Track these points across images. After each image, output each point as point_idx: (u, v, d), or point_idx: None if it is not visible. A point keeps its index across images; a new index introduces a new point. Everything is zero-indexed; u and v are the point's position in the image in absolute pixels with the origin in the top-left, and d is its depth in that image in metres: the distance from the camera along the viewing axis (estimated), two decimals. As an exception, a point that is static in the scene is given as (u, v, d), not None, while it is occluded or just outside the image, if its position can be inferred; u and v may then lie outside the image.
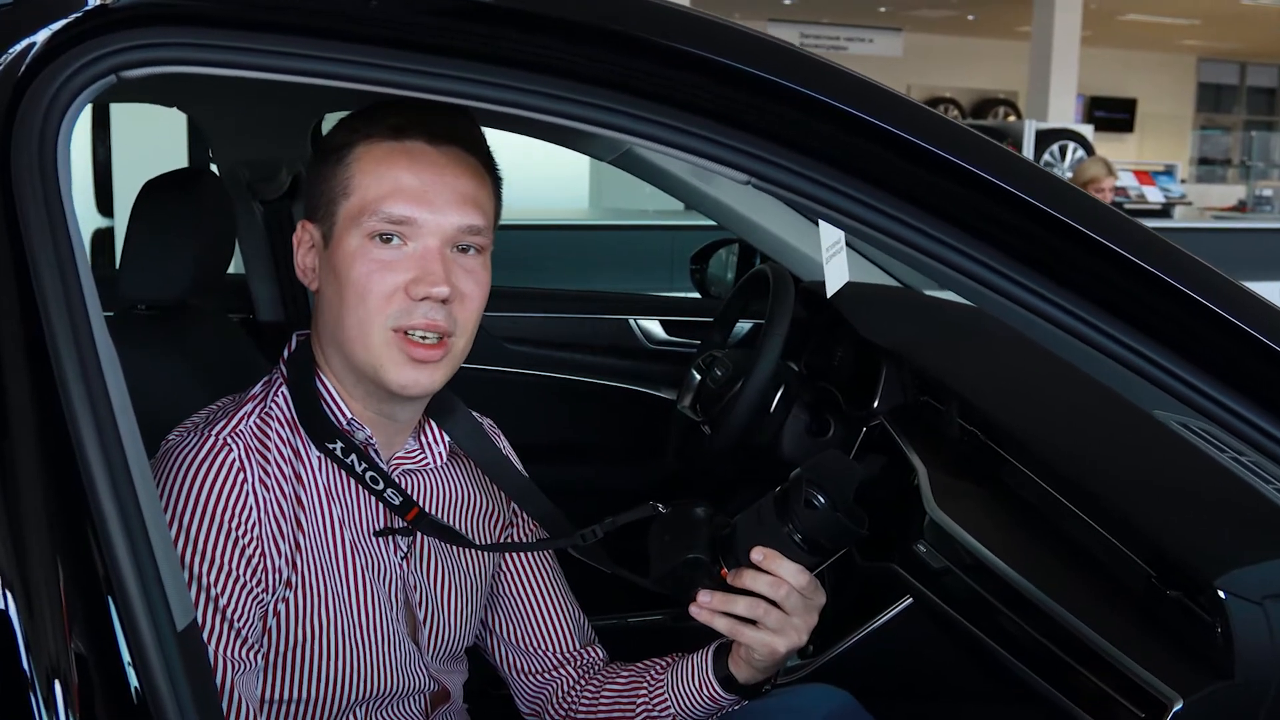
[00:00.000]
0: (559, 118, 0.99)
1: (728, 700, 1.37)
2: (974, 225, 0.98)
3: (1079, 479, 1.35)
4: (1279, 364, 0.99)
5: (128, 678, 0.85)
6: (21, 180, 0.89)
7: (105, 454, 0.86)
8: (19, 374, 0.87)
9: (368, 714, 1.27)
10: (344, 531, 1.23)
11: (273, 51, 0.96)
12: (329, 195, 1.23)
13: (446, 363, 1.22)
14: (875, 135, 0.98)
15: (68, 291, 0.88)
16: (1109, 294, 0.99)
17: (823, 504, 1.27)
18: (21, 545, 0.84)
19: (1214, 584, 1.08)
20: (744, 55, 0.97)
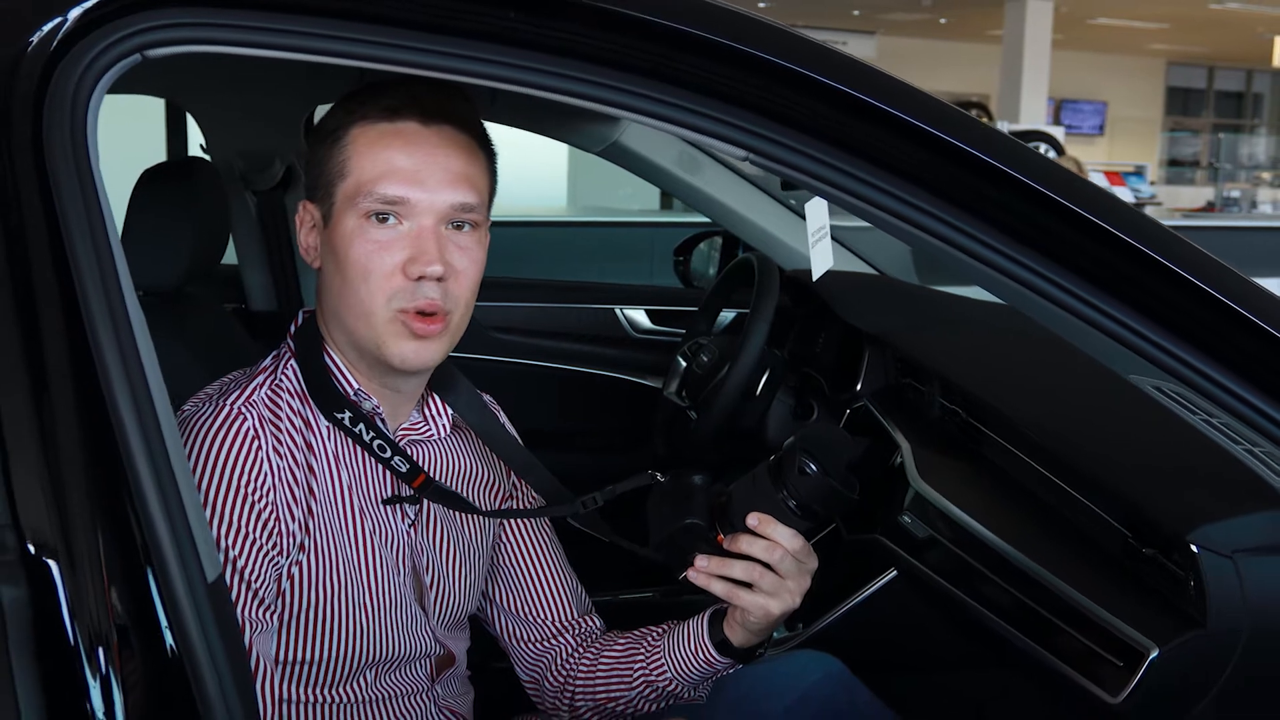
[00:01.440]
0: (566, 95, 1.04)
1: (723, 664, 1.41)
2: (959, 197, 1.04)
3: (1057, 448, 1.41)
4: (1250, 329, 1.05)
5: (164, 636, 0.89)
6: (54, 152, 0.93)
7: (139, 417, 0.90)
8: (57, 340, 0.91)
9: (377, 676, 1.31)
10: (353, 499, 1.27)
11: (292, 31, 1.01)
12: (327, 176, 1.27)
13: (445, 336, 1.26)
14: (868, 113, 1.04)
15: (100, 261, 0.93)
16: (1087, 263, 1.05)
17: (815, 471, 1.33)
18: (64, 512, 0.88)
19: (1187, 539, 1.14)
20: (745, 37, 1.02)
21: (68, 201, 0.93)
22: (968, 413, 1.66)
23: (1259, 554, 1.14)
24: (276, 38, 1.01)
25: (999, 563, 1.37)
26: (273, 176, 2.32)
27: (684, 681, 1.43)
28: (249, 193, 2.34)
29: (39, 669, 0.83)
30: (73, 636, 0.85)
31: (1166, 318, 1.05)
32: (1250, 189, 14.35)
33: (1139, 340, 1.06)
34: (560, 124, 2.36)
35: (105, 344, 0.91)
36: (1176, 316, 1.05)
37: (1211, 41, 20.08)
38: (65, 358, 0.90)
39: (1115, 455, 1.36)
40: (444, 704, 1.40)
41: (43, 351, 0.90)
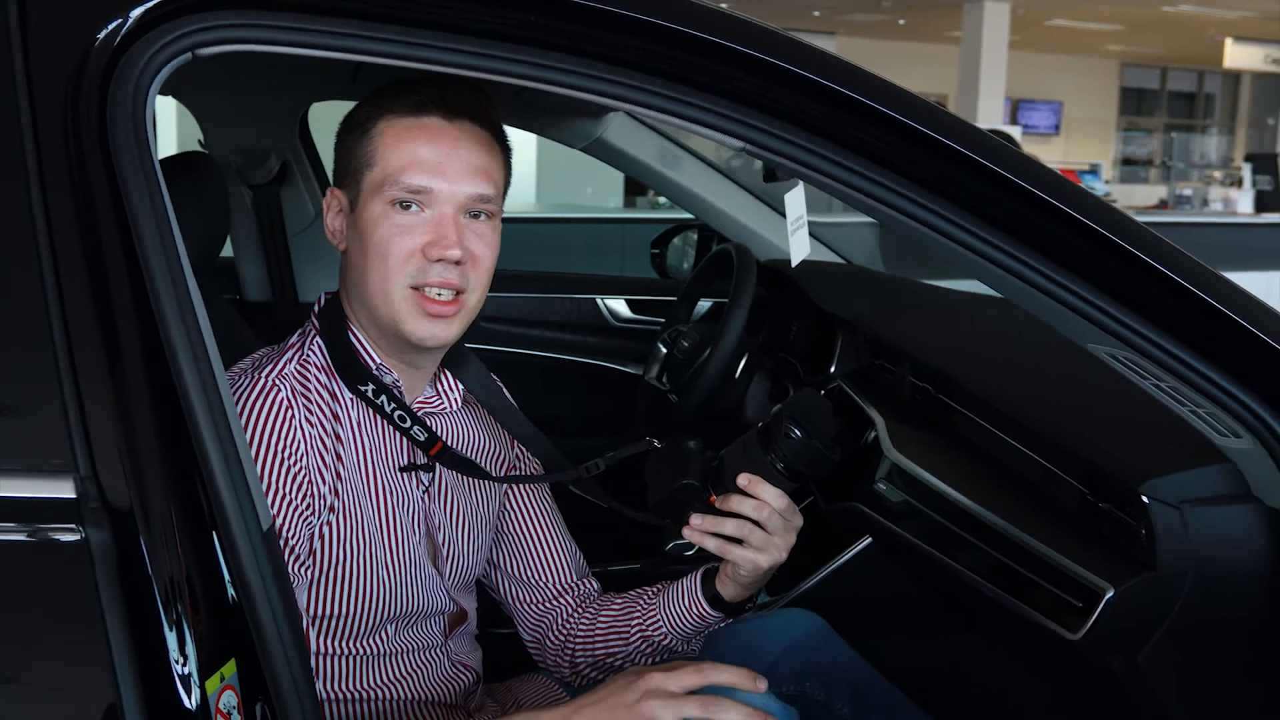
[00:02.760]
0: (584, 92, 1.15)
1: (714, 618, 1.52)
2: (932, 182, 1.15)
3: (1020, 416, 1.53)
4: (1191, 301, 1.17)
5: (226, 588, 0.99)
6: (118, 140, 1.02)
7: (202, 381, 0.99)
8: (127, 312, 1.00)
9: (397, 630, 1.41)
10: (375, 466, 1.37)
11: (330, 32, 1.10)
12: (355, 165, 1.37)
13: (460, 317, 1.36)
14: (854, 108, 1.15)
15: (164, 240, 1.02)
16: (1047, 241, 1.16)
17: (799, 435, 1.44)
18: (138, 467, 0.97)
19: (1138, 491, 1.26)
20: (749, 40, 1.13)
21: (132, 185, 1.02)
22: (936, 389, 1.78)
23: (1202, 504, 1.26)
24: (315, 38, 1.10)
25: (968, 521, 1.49)
26: (268, 171, 2.41)
27: (678, 636, 1.54)
28: (245, 187, 2.42)
29: (124, 607, 0.93)
30: (151, 577, 0.95)
31: (1119, 290, 1.17)
32: (1202, 187, 14.62)
33: (1094, 311, 1.18)
34: (549, 121, 2.45)
35: (170, 317, 1.00)
36: (1128, 290, 1.17)
37: (1164, 43, 20.40)
38: (135, 326, 1.00)
39: (1073, 419, 1.48)
40: (456, 658, 1.50)
41: (115, 321, 0.99)
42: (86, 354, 0.98)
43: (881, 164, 1.17)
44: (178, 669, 0.95)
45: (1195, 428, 1.25)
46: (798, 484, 1.46)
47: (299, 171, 2.46)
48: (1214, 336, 1.18)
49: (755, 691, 1.22)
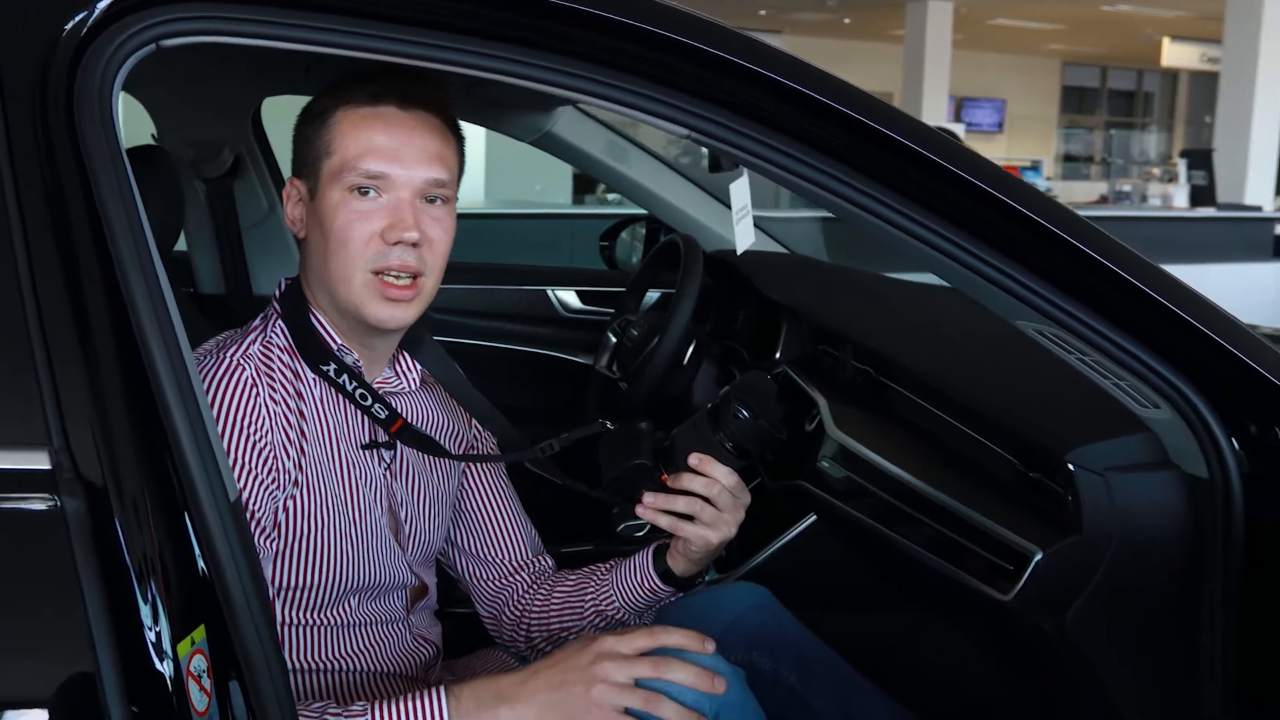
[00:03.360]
0: (528, 81, 1.20)
1: (665, 592, 1.58)
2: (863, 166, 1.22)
3: (955, 394, 1.60)
4: (1114, 280, 1.24)
5: (195, 557, 1.03)
6: (85, 127, 1.06)
7: (170, 357, 1.03)
8: (97, 292, 1.04)
9: (360, 603, 1.46)
10: (339, 444, 1.42)
11: (289, 24, 1.15)
12: (313, 154, 1.41)
13: (418, 300, 1.41)
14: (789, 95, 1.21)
15: (130, 221, 1.06)
16: (980, 225, 1.23)
17: (747, 416, 1.51)
18: (109, 439, 1.01)
19: (1064, 460, 1.33)
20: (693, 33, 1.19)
21: (101, 173, 1.06)
22: (877, 371, 1.85)
23: (1125, 471, 1.33)
24: (274, 29, 1.15)
25: (907, 494, 1.56)
26: (222, 165, 2.43)
27: (630, 609, 1.59)
28: (199, 181, 2.45)
29: (99, 572, 0.97)
30: (123, 544, 0.99)
31: (1047, 271, 1.24)
32: (1141, 184, 14.88)
33: (1022, 290, 1.25)
34: (499, 115, 2.50)
35: (139, 299, 1.03)
36: (1055, 270, 1.24)
37: (1104, 42, 20.73)
38: (105, 308, 1.03)
39: (1004, 395, 1.55)
40: (417, 632, 1.55)
41: (86, 304, 1.03)
42: (59, 334, 1.02)
43: (824, 152, 1.23)
44: (150, 634, 0.99)
45: (1117, 399, 1.32)
46: (746, 462, 1.52)
47: (252, 165, 2.49)
48: (1135, 313, 1.25)
49: (704, 653, 1.28)
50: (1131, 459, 1.33)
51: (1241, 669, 1.31)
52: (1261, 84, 11.37)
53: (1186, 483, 1.32)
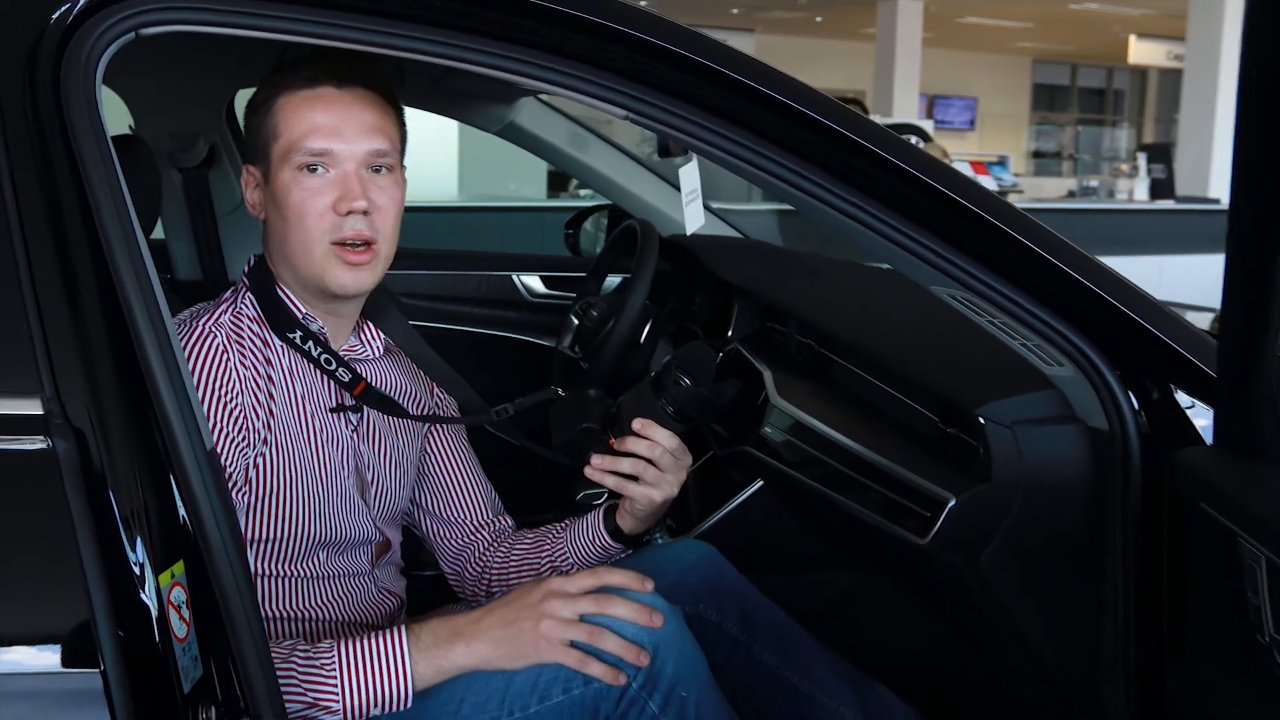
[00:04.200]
0: (480, 66, 1.30)
1: (615, 549, 1.69)
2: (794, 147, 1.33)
3: (883, 360, 1.72)
4: (1021, 249, 1.35)
5: (174, 497, 1.13)
6: (72, 107, 1.16)
7: (151, 319, 1.14)
8: (84, 259, 1.14)
9: (328, 557, 1.56)
10: (306, 407, 1.52)
11: (260, 14, 1.25)
12: (263, 141, 1.51)
13: (375, 265, 1.51)
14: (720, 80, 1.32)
15: (114, 195, 1.16)
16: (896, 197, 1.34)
17: (687, 384, 1.62)
18: (99, 404, 1.11)
19: (976, 414, 1.44)
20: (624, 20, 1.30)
21: (86, 149, 1.16)
22: (819, 345, 1.96)
23: (1031, 425, 1.45)
24: (246, 19, 1.25)
25: (840, 452, 1.67)
26: (197, 155, 2.52)
27: (583, 565, 1.70)
28: (175, 170, 2.54)
29: (87, 507, 1.07)
30: (108, 484, 1.09)
31: (958, 239, 1.35)
32: (1110, 180, 15.07)
33: (936, 257, 1.36)
34: (463, 106, 2.60)
35: (122, 262, 1.14)
36: (967, 239, 1.35)
37: (1074, 40, 20.93)
38: (91, 273, 1.14)
39: (925, 359, 1.67)
40: (382, 585, 1.65)
41: (73, 266, 1.13)
42: (50, 296, 1.12)
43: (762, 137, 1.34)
44: (134, 566, 1.09)
45: (1025, 358, 1.43)
46: (686, 426, 1.64)
47: (226, 155, 2.58)
48: (1040, 279, 1.36)
49: (643, 591, 1.39)
50: (1038, 413, 1.45)
51: (1140, 608, 1.42)
52: (1224, 80, 11.55)
53: (1089, 435, 1.43)
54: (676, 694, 1.38)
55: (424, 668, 1.34)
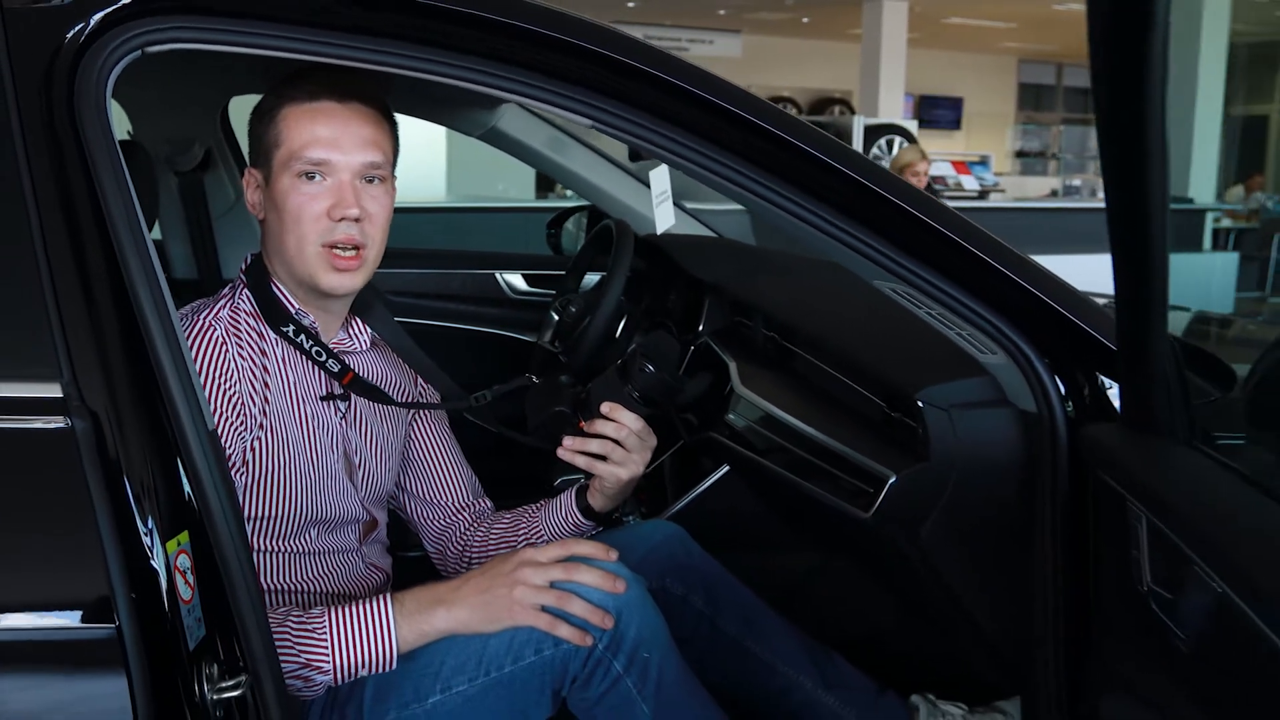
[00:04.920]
0: (452, 79, 1.42)
1: (587, 526, 1.82)
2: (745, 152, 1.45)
3: (836, 350, 1.84)
4: (954, 246, 1.48)
5: (179, 472, 1.25)
6: (85, 116, 1.28)
7: (158, 310, 1.25)
8: (97, 254, 1.26)
9: (319, 534, 1.68)
10: (299, 395, 1.64)
11: (251, 33, 1.37)
12: (265, 147, 1.63)
13: (364, 269, 1.63)
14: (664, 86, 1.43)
15: (123, 195, 1.28)
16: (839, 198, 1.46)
17: (652, 370, 1.74)
18: (111, 388, 1.23)
19: (915, 398, 1.57)
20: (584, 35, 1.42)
21: (97, 154, 1.28)
22: (782, 337, 2.09)
23: (967, 408, 1.57)
24: (239, 38, 1.37)
25: (794, 436, 1.80)
26: (193, 159, 2.64)
27: (557, 541, 1.82)
28: (172, 174, 2.66)
29: (103, 480, 1.19)
30: (120, 460, 1.21)
31: (898, 238, 1.48)
32: (1094, 179, 15.20)
33: (879, 255, 1.48)
34: (447, 111, 2.72)
35: (132, 257, 1.26)
36: (906, 237, 1.48)
37: (1058, 40, 21.06)
38: (104, 269, 1.26)
39: (874, 348, 1.79)
40: (369, 561, 1.78)
41: (87, 260, 1.25)
42: (67, 290, 1.24)
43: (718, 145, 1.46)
44: (144, 534, 1.21)
45: (960, 346, 1.56)
46: (651, 410, 1.76)
47: (221, 159, 2.70)
48: (973, 273, 1.49)
49: (607, 560, 1.51)
50: (972, 397, 1.57)
51: (1068, 578, 1.55)
52: (1204, 80, 11.71)
53: (1019, 417, 1.56)
54: (639, 655, 1.50)
55: (407, 631, 1.46)
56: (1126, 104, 1.00)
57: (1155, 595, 1.12)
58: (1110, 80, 1.02)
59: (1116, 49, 1.00)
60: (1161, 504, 1.12)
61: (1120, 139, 1.03)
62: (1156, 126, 1.00)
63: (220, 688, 1.24)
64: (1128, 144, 1.02)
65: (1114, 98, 1.02)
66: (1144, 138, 1.00)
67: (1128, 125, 1.01)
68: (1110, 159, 1.05)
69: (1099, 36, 1.01)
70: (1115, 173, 1.05)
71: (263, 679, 1.26)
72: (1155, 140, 1.00)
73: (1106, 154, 1.05)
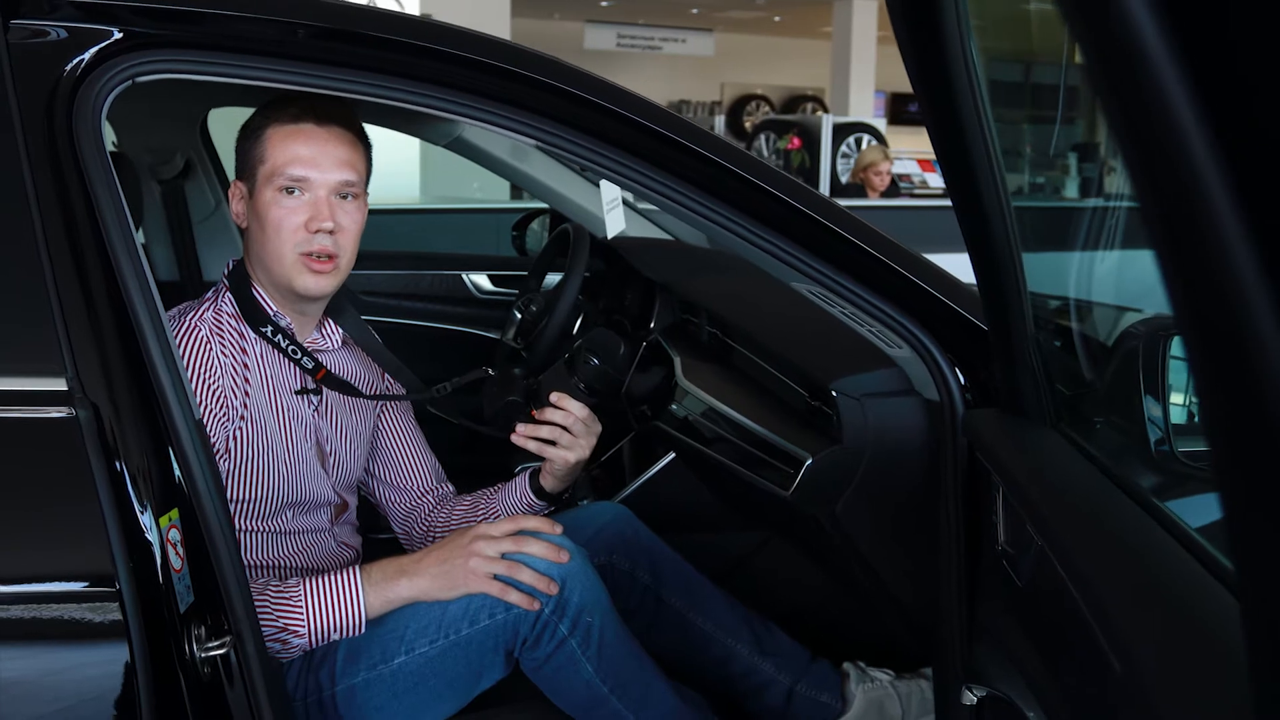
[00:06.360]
0: (403, 103, 1.59)
1: (540, 506, 1.99)
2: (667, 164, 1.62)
3: (766, 344, 2.02)
4: (862, 252, 1.65)
5: (170, 456, 1.41)
6: (82, 140, 1.45)
7: (150, 312, 1.42)
8: (95, 261, 1.42)
9: (294, 516, 1.85)
10: (276, 390, 1.81)
11: (232, 65, 1.54)
12: (251, 163, 1.80)
13: (336, 273, 1.80)
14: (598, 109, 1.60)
15: (117, 208, 1.45)
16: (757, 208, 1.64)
17: (596, 364, 1.92)
18: (110, 381, 1.39)
19: (830, 388, 1.75)
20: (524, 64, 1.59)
21: (94, 172, 1.44)
22: (723, 333, 2.27)
23: (877, 396, 1.75)
24: (218, 69, 1.54)
25: (728, 423, 1.98)
26: (175, 168, 2.80)
27: (513, 521, 2.00)
28: (155, 182, 2.82)
29: (103, 463, 1.35)
30: (117, 445, 1.38)
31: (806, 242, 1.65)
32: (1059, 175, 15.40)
33: (794, 259, 1.66)
34: (411, 121, 2.88)
35: (125, 264, 1.42)
36: (812, 241, 1.65)
37: (1024, 38, 21.28)
38: (101, 274, 1.42)
39: (798, 343, 1.97)
40: (340, 540, 1.95)
41: (86, 267, 1.41)
42: (69, 293, 1.40)
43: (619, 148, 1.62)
44: (139, 511, 1.38)
45: (871, 342, 1.74)
46: (595, 400, 1.94)
47: (201, 168, 2.86)
48: (878, 276, 1.67)
49: (553, 533, 1.69)
50: (882, 387, 1.75)
51: (966, 549, 1.73)
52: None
53: (924, 405, 1.74)
54: (582, 619, 1.67)
55: (374, 599, 1.63)
56: (940, 104, 1.15)
57: (1005, 553, 1.30)
58: (921, 81, 1.17)
59: (916, 51, 1.15)
60: (1010, 476, 1.30)
61: (943, 138, 1.19)
62: (974, 125, 1.15)
63: (207, 647, 1.40)
64: (951, 143, 1.17)
65: (929, 99, 1.18)
66: (963, 136, 1.15)
67: (947, 125, 1.16)
68: (941, 159, 1.21)
69: (902, 43, 1.15)
70: (950, 174, 1.22)
71: (245, 639, 1.43)
72: (975, 139, 1.15)
73: (939, 154, 1.21)
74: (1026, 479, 1.24)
